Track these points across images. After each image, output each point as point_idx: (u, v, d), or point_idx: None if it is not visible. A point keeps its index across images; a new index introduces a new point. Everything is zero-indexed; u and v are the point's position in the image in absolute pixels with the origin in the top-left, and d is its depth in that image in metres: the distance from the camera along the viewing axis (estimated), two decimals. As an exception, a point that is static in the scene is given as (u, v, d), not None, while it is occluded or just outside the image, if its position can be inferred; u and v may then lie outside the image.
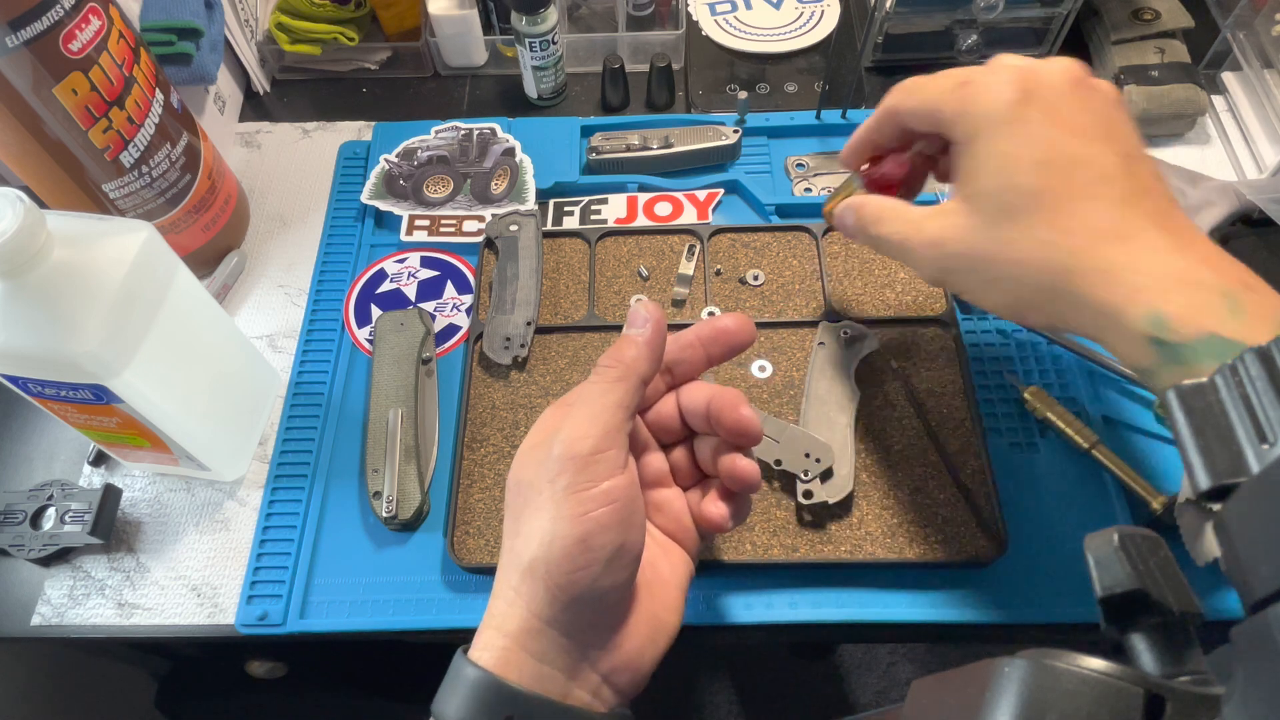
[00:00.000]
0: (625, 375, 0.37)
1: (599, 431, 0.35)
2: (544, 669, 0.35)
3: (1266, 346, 0.18)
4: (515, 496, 0.37)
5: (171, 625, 0.51)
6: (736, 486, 0.40)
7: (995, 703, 0.18)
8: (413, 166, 0.67)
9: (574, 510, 0.34)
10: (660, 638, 0.38)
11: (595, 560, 0.33)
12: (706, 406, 0.39)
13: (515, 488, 0.37)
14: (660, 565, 0.40)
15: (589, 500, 0.34)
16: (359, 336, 0.61)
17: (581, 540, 0.33)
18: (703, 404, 0.40)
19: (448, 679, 0.35)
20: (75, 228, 0.42)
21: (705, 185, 0.66)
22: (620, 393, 0.36)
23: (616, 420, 0.36)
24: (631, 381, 0.37)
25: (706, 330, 0.41)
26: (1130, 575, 0.20)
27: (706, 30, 0.75)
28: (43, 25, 0.45)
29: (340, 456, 0.56)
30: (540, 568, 0.34)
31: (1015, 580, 0.50)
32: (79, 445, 0.58)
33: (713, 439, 0.41)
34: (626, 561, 0.35)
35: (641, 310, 0.39)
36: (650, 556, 0.39)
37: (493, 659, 0.34)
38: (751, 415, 0.38)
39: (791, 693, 1.17)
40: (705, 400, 0.40)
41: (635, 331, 0.38)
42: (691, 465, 0.42)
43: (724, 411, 0.38)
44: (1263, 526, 0.17)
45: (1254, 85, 0.68)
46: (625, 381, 0.37)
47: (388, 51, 0.76)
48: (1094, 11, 0.73)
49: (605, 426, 0.35)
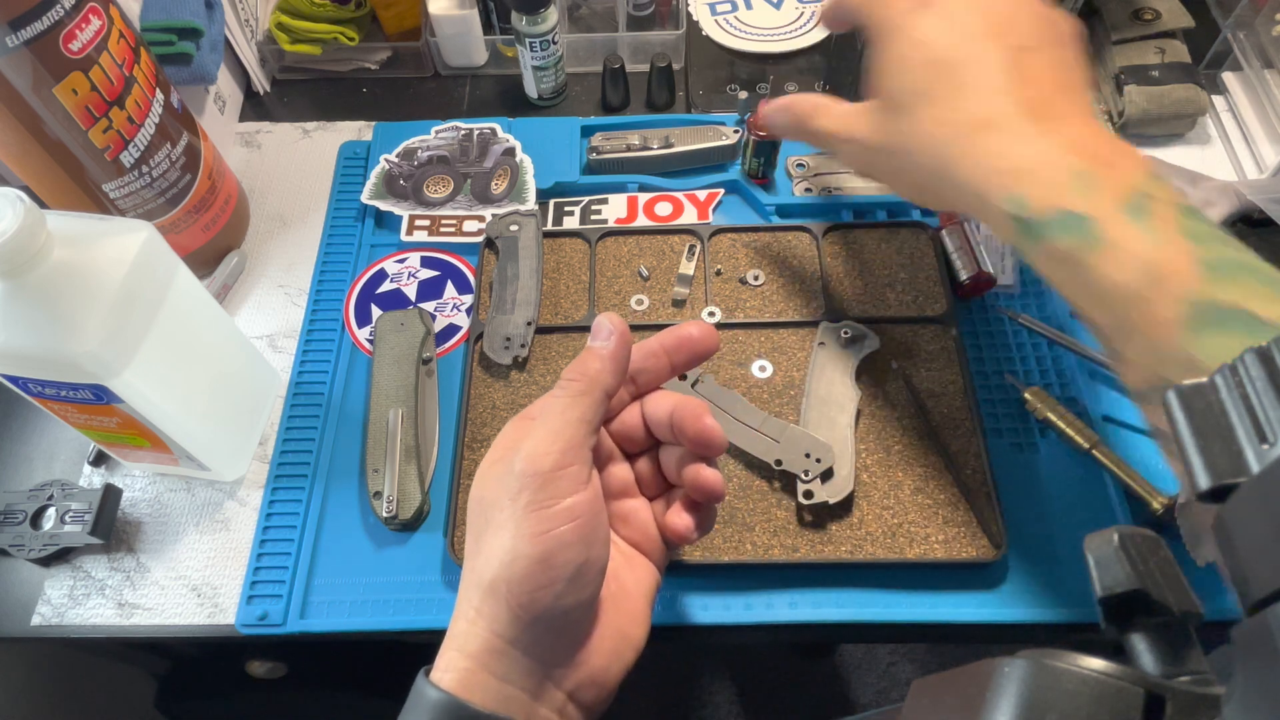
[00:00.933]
0: (589, 389, 0.36)
1: (561, 447, 0.35)
2: (507, 689, 0.34)
3: (1267, 346, 0.18)
4: (476, 515, 0.36)
5: (171, 625, 0.51)
6: (700, 497, 0.39)
7: (995, 703, 0.18)
8: (413, 166, 0.67)
9: (535, 528, 0.33)
10: (626, 651, 0.37)
11: (557, 579, 0.33)
12: (670, 416, 0.39)
13: (476, 506, 0.36)
14: (625, 577, 0.39)
15: (551, 518, 0.33)
16: (359, 336, 0.61)
17: (543, 559, 0.33)
18: (666, 413, 0.39)
19: (409, 702, 0.34)
20: (75, 228, 0.42)
21: (705, 185, 0.66)
22: (584, 407, 0.36)
23: (579, 435, 0.35)
24: (595, 395, 0.36)
25: (670, 338, 0.40)
26: (1130, 575, 0.20)
27: (707, 30, 0.75)
28: (43, 25, 0.45)
29: (340, 456, 0.56)
30: (502, 587, 0.33)
31: (1015, 580, 0.50)
32: (79, 445, 0.58)
33: (678, 448, 0.40)
34: (590, 578, 0.34)
35: (605, 322, 0.38)
36: (615, 568, 0.39)
37: (454, 680, 0.34)
38: (714, 426, 0.38)
39: (791, 693, 1.17)
40: (669, 410, 0.39)
41: (599, 344, 0.38)
42: (656, 475, 0.42)
43: (687, 422, 0.38)
44: (1262, 526, 0.17)
45: (1254, 85, 0.68)
46: (589, 395, 0.36)
47: (388, 51, 0.76)
48: (1094, 11, 0.73)
49: (568, 442, 0.35)
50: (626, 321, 0.39)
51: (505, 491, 0.34)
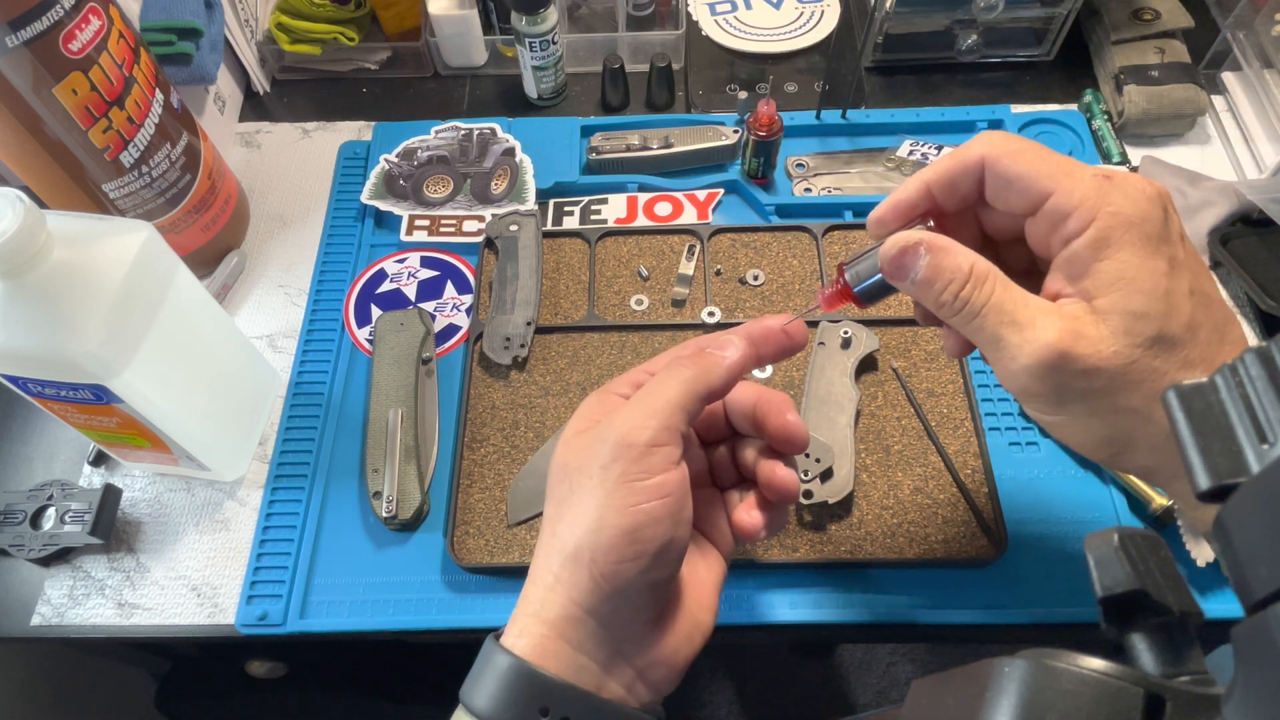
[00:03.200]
0: (696, 379, 0.35)
1: (658, 424, 0.34)
2: (580, 659, 0.34)
3: (1266, 346, 0.18)
4: (560, 482, 0.35)
5: (171, 625, 0.51)
6: (774, 496, 0.38)
7: (995, 703, 0.18)
8: (413, 166, 0.67)
9: (626, 500, 0.33)
10: (696, 636, 0.37)
11: (644, 553, 0.33)
12: (753, 408, 0.38)
13: (561, 472, 0.35)
14: (698, 565, 0.39)
15: (643, 491, 0.33)
16: (359, 336, 0.61)
17: (632, 531, 0.33)
18: (749, 404, 0.38)
19: (477, 666, 0.34)
20: (75, 228, 0.42)
21: (705, 185, 0.66)
22: (687, 394, 0.35)
23: (676, 420, 0.34)
24: (700, 389, 0.35)
25: (758, 330, 0.38)
26: (1130, 575, 0.20)
27: (706, 30, 0.75)
28: (43, 25, 0.45)
29: (340, 456, 0.56)
30: (586, 555, 0.33)
31: (1015, 580, 0.50)
32: (79, 445, 0.58)
33: (756, 442, 0.40)
34: (673, 557, 0.34)
35: (729, 337, 0.37)
36: (689, 555, 0.38)
37: (529, 646, 0.33)
38: (798, 421, 0.37)
39: (791, 693, 1.17)
40: (752, 401, 0.38)
41: (729, 353, 0.36)
42: (732, 466, 0.41)
43: (770, 416, 0.37)
44: (1263, 526, 0.17)
45: (1254, 85, 0.68)
46: (694, 386, 0.35)
47: (388, 51, 0.76)
48: (1094, 11, 0.73)
49: (665, 421, 0.34)
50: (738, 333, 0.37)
51: (595, 460, 0.34)
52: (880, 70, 0.75)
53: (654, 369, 0.38)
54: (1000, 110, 0.69)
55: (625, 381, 0.38)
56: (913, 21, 0.72)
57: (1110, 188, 0.33)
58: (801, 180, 0.66)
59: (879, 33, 0.73)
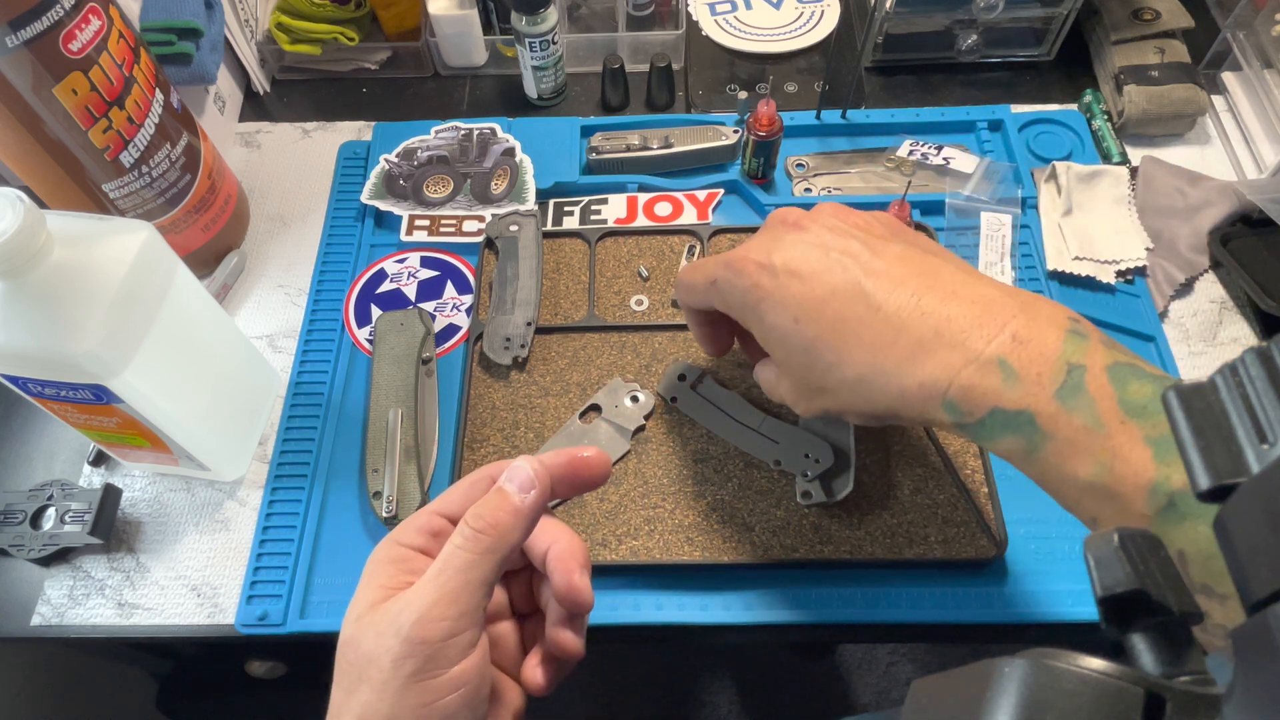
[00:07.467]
0: (496, 546, 0.32)
1: (456, 613, 0.31)
2: None
3: (1266, 346, 0.18)
4: (348, 664, 0.32)
5: (171, 625, 0.51)
6: (558, 653, 0.36)
7: (995, 703, 0.18)
8: (413, 166, 0.67)
9: (419, 699, 0.30)
10: None
11: None
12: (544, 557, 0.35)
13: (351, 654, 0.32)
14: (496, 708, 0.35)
15: (436, 689, 0.30)
16: (359, 336, 0.61)
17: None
18: (544, 549, 0.36)
19: None
20: (75, 228, 0.42)
21: (705, 185, 0.66)
22: (487, 568, 0.32)
23: (477, 599, 0.32)
24: (501, 554, 0.32)
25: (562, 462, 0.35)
26: (1130, 575, 0.20)
27: (706, 30, 0.75)
28: (43, 25, 0.45)
29: (340, 456, 0.56)
30: None
31: (1015, 580, 0.50)
32: (79, 445, 0.58)
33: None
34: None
35: (527, 470, 0.33)
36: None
37: None
38: (585, 586, 0.34)
39: (791, 693, 1.17)
40: (547, 545, 0.36)
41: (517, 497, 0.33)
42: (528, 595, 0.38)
43: (556, 574, 0.34)
44: (1263, 526, 0.17)
45: (1254, 85, 0.68)
46: (495, 554, 0.32)
47: (388, 51, 0.76)
48: (1094, 11, 0.73)
49: (464, 607, 0.31)
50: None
51: (386, 652, 0.31)
52: (880, 70, 0.75)
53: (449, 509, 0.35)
54: (1000, 110, 0.69)
55: (418, 529, 0.34)
56: (913, 21, 0.72)
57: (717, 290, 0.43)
58: (801, 180, 0.66)
59: (879, 33, 0.73)
